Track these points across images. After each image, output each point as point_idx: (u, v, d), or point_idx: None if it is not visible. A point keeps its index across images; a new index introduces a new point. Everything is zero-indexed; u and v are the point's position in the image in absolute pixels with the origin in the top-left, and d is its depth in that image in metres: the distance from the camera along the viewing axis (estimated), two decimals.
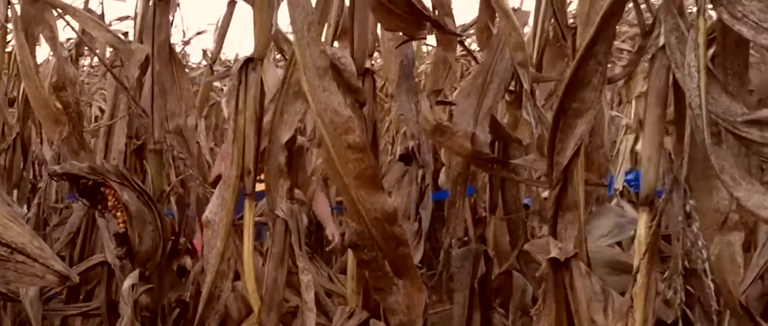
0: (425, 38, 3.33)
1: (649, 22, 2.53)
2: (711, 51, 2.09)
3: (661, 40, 2.16)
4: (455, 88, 6.13)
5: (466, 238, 4.78)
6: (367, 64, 3.30)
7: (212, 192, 3.23)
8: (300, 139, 3.64)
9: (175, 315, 4.17)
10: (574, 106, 2.36)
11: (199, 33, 7.65)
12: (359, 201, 2.82)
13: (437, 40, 4.02)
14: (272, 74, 3.86)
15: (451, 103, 4.59)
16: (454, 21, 3.88)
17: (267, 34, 3.05)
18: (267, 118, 3.16)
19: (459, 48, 4.77)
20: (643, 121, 2.26)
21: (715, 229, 2.13)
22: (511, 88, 3.85)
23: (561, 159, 2.40)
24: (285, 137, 3.12)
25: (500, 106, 4.12)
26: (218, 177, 3.68)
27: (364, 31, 3.17)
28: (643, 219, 2.20)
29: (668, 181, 2.19)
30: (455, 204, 4.00)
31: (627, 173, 6.93)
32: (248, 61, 3.01)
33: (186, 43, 7.72)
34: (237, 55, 8.69)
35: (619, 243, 4.05)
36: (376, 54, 4.62)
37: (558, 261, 2.32)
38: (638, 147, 6.82)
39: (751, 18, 1.89)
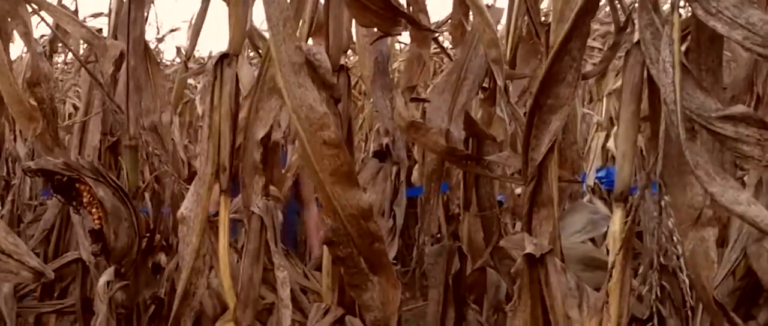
0: (400, 34, 3.31)
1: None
2: (685, 46, 2.08)
3: (636, 36, 2.15)
4: (429, 86, 6.13)
5: (439, 235, 4.77)
6: (342, 61, 3.29)
7: (187, 189, 3.20)
8: (275, 135, 3.61)
9: (151, 312, 4.14)
10: (548, 102, 2.35)
11: (173, 30, 7.64)
12: (335, 198, 2.80)
13: (411, 37, 4.01)
14: (246, 71, 3.84)
15: (425, 100, 4.58)
16: (428, 18, 3.88)
17: (242, 30, 3.03)
18: (242, 115, 3.14)
19: (433, 45, 4.76)
20: (615, 117, 2.25)
21: (689, 225, 2.13)
22: (485, 84, 3.84)
23: (536, 155, 2.39)
24: (260, 134, 3.10)
25: (474, 103, 4.11)
26: (193, 174, 3.65)
27: (340, 27, 3.15)
28: (617, 215, 2.20)
29: (641, 177, 2.18)
30: (429, 201, 3.98)
31: (598, 170, 6.95)
32: (223, 56, 2.99)
33: (160, 40, 7.68)
34: (210, 53, 8.66)
35: (592, 240, 4.05)
36: (350, 51, 4.60)
37: (533, 257, 2.31)
38: (610, 144, 6.87)
39: (726, 13, 1.89)
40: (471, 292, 4.20)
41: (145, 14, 4.04)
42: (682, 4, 1.93)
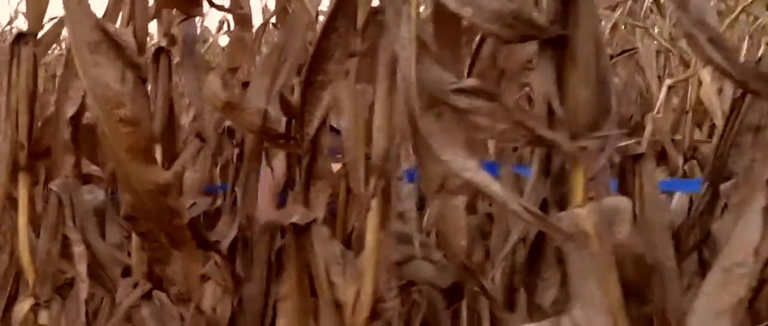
0: (203, 16, 3.33)
1: None
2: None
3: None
4: None
5: None
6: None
7: None
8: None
9: None
10: (319, 78, 2.40)
11: None
12: (132, 174, 2.80)
13: (234, 20, 4.03)
14: None
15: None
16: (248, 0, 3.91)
17: (40, 10, 3.02)
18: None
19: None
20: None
21: (436, 192, 2.20)
22: None
23: (309, 129, 2.45)
24: (70, 112, 3.10)
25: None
26: None
27: (144, 7, 3.16)
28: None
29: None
30: (250, 179, 4.00)
31: None
32: (20, 36, 2.97)
33: None
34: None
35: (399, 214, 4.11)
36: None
37: (299, 226, 2.36)
38: None
39: None
40: None
41: None
42: None
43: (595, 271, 1.91)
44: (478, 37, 2.37)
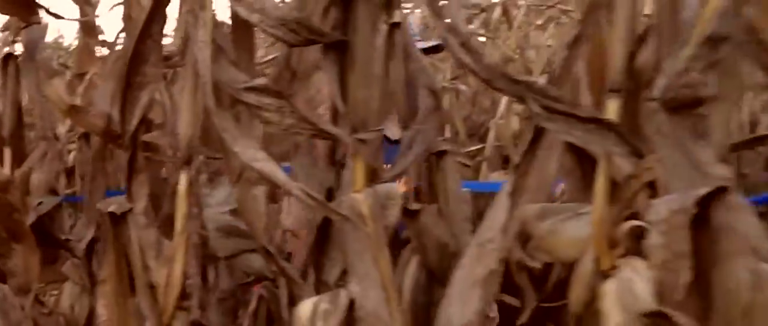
0: (40, 22, 3.46)
1: None
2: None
3: None
4: None
5: None
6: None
7: None
8: None
9: None
10: (137, 80, 2.58)
11: None
12: None
13: (80, 27, 4.17)
14: None
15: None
16: (94, 9, 4.06)
17: None
18: None
19: None
20: None
21: (233, 182, 2.41)
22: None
23: (129, 127, 2.61)
24: None
25: None
26: None
27: None
28: (183, 178, 2.44)
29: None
30: (95, 179, 4.14)
31: None
32: None
33: None
34: None
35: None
36: None
37: (116, 215, 2.53)
38: None
39: (247, 0, 2.17)
40: None
41: None
42: None
43: (369, 249, 2.14)
44: None
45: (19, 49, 3.70)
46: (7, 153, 3.77)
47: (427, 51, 3.22)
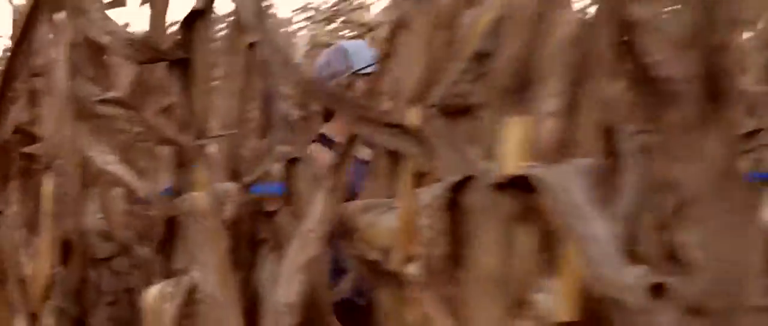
0: None
1: None
2: None
3: None
4: None
5: None
6: None
7: None
8: None
9: None
10: (9, 94, 2.86)
11: None
12: None
13: None
14: None
15: None
16: None
17: None
18: None
19: None
20: None
21: (93, 185, 2.70)
22: None
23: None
24: None
25: None
26: None
27: None
28: (47, 181, 2.72)
29: None
30: None
31: None
32: None
33: None
34: None
35: None
36: None
37: None
38: None
39: (98, 24, 2.47)
40: None
41: None
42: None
43: (208, 240, 2.44)
44: None
45: None
46: None
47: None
